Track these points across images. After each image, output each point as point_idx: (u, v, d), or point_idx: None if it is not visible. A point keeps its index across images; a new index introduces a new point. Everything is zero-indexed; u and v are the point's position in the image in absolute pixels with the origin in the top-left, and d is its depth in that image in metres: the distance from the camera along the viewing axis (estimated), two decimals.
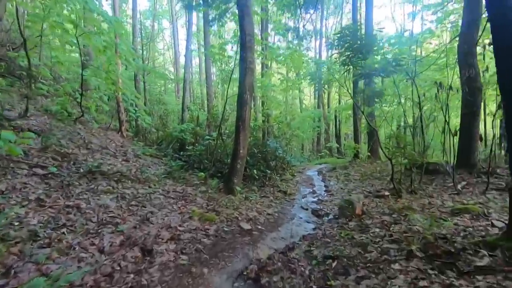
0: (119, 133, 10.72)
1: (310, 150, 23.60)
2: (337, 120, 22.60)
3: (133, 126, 12.67)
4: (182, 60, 22.07)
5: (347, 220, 4.24)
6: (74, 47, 7.76)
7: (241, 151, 5.64)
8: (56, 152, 5.15)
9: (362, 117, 11.36)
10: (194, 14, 15.74)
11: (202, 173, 6.48)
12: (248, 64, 5.53)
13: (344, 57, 5.62)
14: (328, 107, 24.28)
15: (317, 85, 7.79)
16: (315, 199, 6.51)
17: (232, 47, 9.89)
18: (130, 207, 3.95)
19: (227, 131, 9.89)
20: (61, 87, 8.84)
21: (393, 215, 4.09)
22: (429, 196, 5.93)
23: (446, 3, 9.77)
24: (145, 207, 4.13)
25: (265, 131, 12.98)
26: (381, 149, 5.85)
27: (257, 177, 7.85)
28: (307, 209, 5.56)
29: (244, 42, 5.51)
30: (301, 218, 4.96)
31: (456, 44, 9.08)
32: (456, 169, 7.43)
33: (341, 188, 7.56)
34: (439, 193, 6.20)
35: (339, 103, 23.81)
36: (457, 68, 7.29)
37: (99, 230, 3.00)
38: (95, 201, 3.78)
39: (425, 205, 5.22)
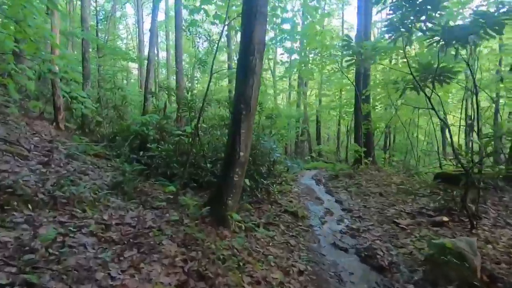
0: (54, 124, 7.84)
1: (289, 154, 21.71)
2: (318, 121, 21.05)
3: (78, 116, 9.73)
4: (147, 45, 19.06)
5: None
6: None
7: (241, 154, 3.35)
8: None
9: (368, 114, 9.57)
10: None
11: (172, 186, 4.08)
12: (259, 8, 3.27)
13: (404, 13, 3.61)
14: (304, 108, 22.61)
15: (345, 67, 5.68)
16: (342, 227, 4.43)
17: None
18: None
19: (205, 125, 7.51)
20: None
21: None
22: (509, 224, 4.14)
23: None
24: (27, 284, 1.68)
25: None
26: (456, 156, 3.91)
27: (248, 189, 5.62)
28: (346, 250, 3.43)
29: None
30: (351, 274, 2.82)
31: None
32: (505, 182, 5.89)
33: (365, 207, 5.58)
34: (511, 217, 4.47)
35: (320, 103, 22.25)
36: None
37: None
38: None
39: None
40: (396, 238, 3.75)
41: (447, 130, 4.16)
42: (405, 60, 8.92)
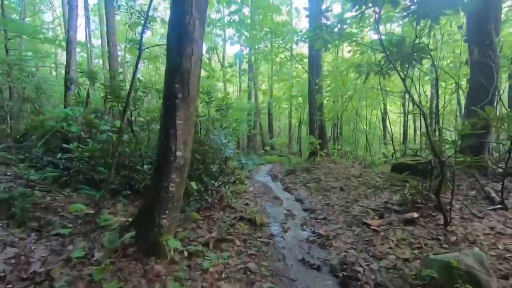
0: None
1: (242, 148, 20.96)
2: (270, 114, 20.65)
3: None
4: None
5: None
6: None
7: (178, 154, 2.41)
8: None
9: (322, 105, 9.19)
10: None
11: (80, 205, 2.97)
12: None
13: None
14: (255, 100, 22.07)
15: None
16: (308, 233, 3.78)
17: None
18: None
19: (143, 119, 6.29)
20: None
21: None
22: (476, 216, 3.91)
23: None
24: None
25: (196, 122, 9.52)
26: (431, 145, 3.47)
27: (196, 193, 4.71)
28: (318, 269, 2.75)
29: None
30: None
31: None
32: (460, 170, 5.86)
33: (327, 205, 5.05)
34: (476, 208, 4.29)
35: (271, 96, 21.84)
36: None
37: None
38: None
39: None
40: (372, 244, 3.20)
41: (419, 119, 3.71)
42: (357, 48, 8.75)
